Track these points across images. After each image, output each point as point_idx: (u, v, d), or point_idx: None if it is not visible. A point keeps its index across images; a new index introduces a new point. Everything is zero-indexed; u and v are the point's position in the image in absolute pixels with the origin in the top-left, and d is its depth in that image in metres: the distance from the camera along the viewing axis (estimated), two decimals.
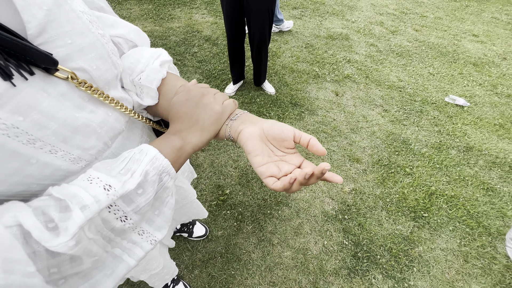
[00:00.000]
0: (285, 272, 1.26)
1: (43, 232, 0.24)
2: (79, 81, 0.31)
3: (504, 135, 2.01)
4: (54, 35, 0.28)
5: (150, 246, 0.33)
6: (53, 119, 0.29)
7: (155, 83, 0.41)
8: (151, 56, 0.43)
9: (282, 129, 0.35)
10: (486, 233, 1.45)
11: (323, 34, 3.05)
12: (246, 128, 0.37)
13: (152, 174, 0.31)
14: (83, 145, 0.33)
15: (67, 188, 0.27)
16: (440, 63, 2.75)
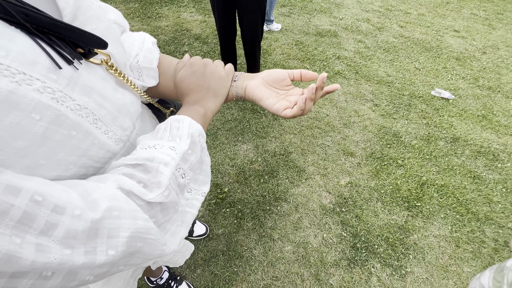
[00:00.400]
0: (287, 266, 1.28)
1: (141, 189, 0.28)
2: (109, 65, 0.32)
3: (487, 126, 2.12)
4: (84, 20, 0.29)
5: (202, 198, 0.40)
6: (107, 99, 0.31)
7: (154, 62, 0.43)
8: (140, 39, 0.44)
9: (277, 72, 0.41)
10: (475, 218, 1.52)
11: (312, 31, 3.08)
12: (249, 82, 0.42)
13: (196, 135, 0.35)
14: (123, 125, 0.35)
15: (140, 154, 0.30)
16: (425, 58, 2.85)
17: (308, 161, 1.73)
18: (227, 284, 1.20)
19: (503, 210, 1.57)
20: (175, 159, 0.31)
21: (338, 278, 1.25)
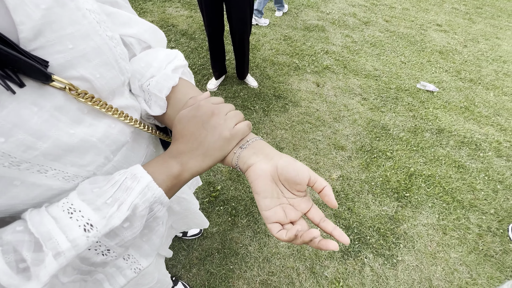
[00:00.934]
0: (283, 261, 1.28)
1: (12, 277, 0.22)
2: (78, 92, 0.27)
3: (469, 117, 2.20)
4: (53, 38, 0.24)
5: (133, 275, 0.32)
6: (42, 138, 0.25)
7: (164, 91, 0.37)
8: (165, 60, 0.39)
9: (297, 172, 0.31)
10: (460, 206, 1.58)
11: (300, 26, 3.08)
12: (258, 164, 0.33)
13: (141, 208, 0.28)
14: (78, 162, 0.30)
15: (43, 223, 0.24)
16: (410, 52, 2.91)
17: (300, 156, 1.74)
18: (224, 282, 1.20)
19: (486, 197, 1.64)
20: (78, 248, 0.24)
21: (332, 270, 1.27)
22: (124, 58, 0.33)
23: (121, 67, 0.32)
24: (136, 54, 0.40)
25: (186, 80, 0.42)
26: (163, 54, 0.40)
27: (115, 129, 0.33)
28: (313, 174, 0.32)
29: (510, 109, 2.31)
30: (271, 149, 0.35)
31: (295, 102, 2.12)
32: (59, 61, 0.25)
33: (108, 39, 0.30)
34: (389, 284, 1.25)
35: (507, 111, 2.29)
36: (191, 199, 0.69)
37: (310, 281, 1.23)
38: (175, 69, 0.39)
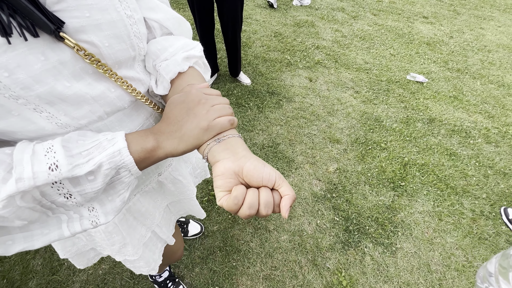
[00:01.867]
0: (285, 255, 1.29)
1: None
2: (86, 53, 0.31)
3: (458, 106, 2.25)
4: (73, 5, 0.29)
5: (89, 226, 0.34)
6: (39, 83, 0.29)
7: (170, 75, 0.41)
8: (182, 48, 0.42)
9: (262, 177, 0.31)
10: (454, 193, 1.63)
11: (290, 22, 3.09)
12: (224, 161, 0.33)
13: (106, 167, 0.30)
14: (71, 113, 0.33)
15: (23, 152, 0.28)
16: (398, 44, 2.96)
17: (296, 151, 1.75)
18: (227, 279, 1.20)
19: (478, 182, 1.69)
20: (37, 180, 0.27)
21: (334, 261, 1.29)
22: (139, 37, 0.37)
23: (133, 43, 0.36)
24: (156, 37, 0.43)
25: (197, 71, 0.44)
26: (181, 42, 0.43)
27: (113, 93, 0.37)
28: (279, 180, 0.31)
29: (496, 97, 2.38)
30: (243, 149, 0.34)
31: (289, 98, 2.12)
32: (74, 24, 0.29)
33: (125, 16, 0.34)
34: (390, 271, 1.28)
35: (493, 99, 2.36)
36: (187, 184, 0.68)
37: (312, 273, 1.24)
38: (188, 58, 0.42)
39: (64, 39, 0.29)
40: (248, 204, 0.29)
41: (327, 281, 1.22)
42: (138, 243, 0.61)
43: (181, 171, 0.65)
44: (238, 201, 0.29)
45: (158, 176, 0.58)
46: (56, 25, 0.28)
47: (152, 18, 0.41)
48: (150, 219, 0.61)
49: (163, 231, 0.68)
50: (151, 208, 0.60)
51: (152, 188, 0.58)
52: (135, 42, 0.36)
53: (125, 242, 0.57)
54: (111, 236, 0.54)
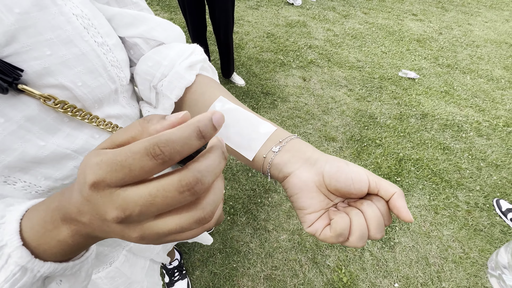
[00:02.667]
0: (285, 254, 1.30)
1: None
2: (56, 102, 0.25)
3: (449, 100, 2.29)
4: (29, 44, 0.23)
5: None
6: (6, 152, 0.24)
7: (175, 92, 0.34)
8: (179, 55, 0.35)
9: (352, 179, 0.25)
10: (448, 186, 1.66)
11: (282, 22, 3.11)
12: (298, 173, 0.27)
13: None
14: (53, 175, 0.28)
15: None
16: (389, 41, 3.00)
17: None
18: (228, 281, 1.20)
19: (471, 175, 1.73)
20: None
21: (334, 259, 1.30)
22: (117, 65, 0.31)
23: (111, 74, 0.30)
24: (145, 54, 0.37)
25: (207, 77, 0.37)
26: (176, 50, 0.36)
27: (98, 140, 0.31)
28: (373, 179, 0.25)
29: (485, 91, 2.43)
30: (312, 150, 0.28)
31: (284, 98, 2.13)
32: (35, 68, 0.24)
33: (96, 45, 0.28)
34: (389, 266, 1.29)
35: (483, 93, 2.41)
36: None
37: (313, 272, 1.25)
38: (191, 66, 0.35)
39: (19, 90, 0.23)
40: (358, 236, 0.24)
41: (328, 278, 1.23)
42: (141, 277, 0.58)
43: None
44: (344, 236, 0.24)
45: None
46: (12, 77, 0.22)
47: (133, 35, 0.34)
48: (150, 251, 0.58)
49: (160, 256, 0.66)
50: None
51: None
52: (114, 73, 0.30)
53: (130, 282, 0.54)
54: (114, 280, 0.50)
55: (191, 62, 0.35)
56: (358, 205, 0.25)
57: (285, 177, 0.28)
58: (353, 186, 0.25)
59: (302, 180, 0.26)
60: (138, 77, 0.36)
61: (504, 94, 2.41)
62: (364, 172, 0.25)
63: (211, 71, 0.40)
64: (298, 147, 0.28)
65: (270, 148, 0.29)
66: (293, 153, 0.28)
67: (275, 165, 0.28)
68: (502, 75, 2.64)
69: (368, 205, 0.25)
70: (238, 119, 0.32)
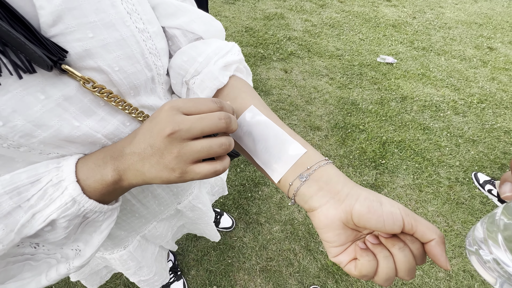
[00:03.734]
0: (278, 245, 1.31)
1: None
2: (94, 86, 0.26)
3: (427, 82, 2.37)
4: (73, 25, 0.24)
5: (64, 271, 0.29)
6: (42, 127, 0.24)
7: (206, 92, 0.33)
8: (215, 53, 0.34)
9: (384, 221, 0.23)
10: (430, 164, 1.72)
11: (260, 16, 3.08)
12: (324, 209, 0.25)
13: (62, 221, 0.25)
14: (84, 152, 0.29)
15: None
16: (366, 28, 3.05)
17: None
18: (224, 277, 1.20)
19: (450, 151, 1.80)
20: None
21: None
22: (155, 54, 0.31)
23: (148, 62, 0.30)
24: (182, 47, 0.35)
25: (241, 79, 0.36)
26: (213, 47, 0.34)
27: (129, 127, 0.31)
28: (409, 221, 0.23)
29: (459, 70, 2.53)
30: (343, 183, 0.26)
31: (267, 91, 2.13)
32: (77, 49, 0.24)
33: (137, 31, 0.28)
34: None
35: (457, 73, 2.50)
36: (207, 210, 0.65)
37: (307, 259, 1.27)
38: (226, 66, 0.33)
39: (67, 72, 0.24)
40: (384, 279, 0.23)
41: (322, 264, 1.26)
42: (151, 262, 0.60)
43: (201, 198, 0.61)
44: (369, 277, 0.24)
45: (177, 205, 0.56)
46: (57, 57, 0.23)
47: (172, 26, 0.34)
48: (161, 238, 0.60)
49: (169, 244, 0.67)
50: (165, 231, 0.59)
51: (169, 215, 0.57)
52: (151, 61, 0.30)
53: (140, 266, 0.56)
54: (126, 262, 0.53)
55: (226, 62, 0.33)
56: (390, 245, 0.23)
57: (311, 210, 0.26)
58: (385, 228, 0.23)
59: (329, 218, 0.25)
60: (172, 70, 0.36)
61: (477, 73, 2.51)
62: (399, 212, 0.23)
63: (245, 72, 0.38)
64: (327, 178, 0.26)
65: (298, 175, 0.27)
66: (321, 185, 0.26)
67: (301, 195, 0.27)
68: (474, 54, 2.76)
69: (400, 249, 0.23)
70: (268, 134, 0.30)
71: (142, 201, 0.45)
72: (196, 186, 0.59)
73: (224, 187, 0.81)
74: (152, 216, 0.50)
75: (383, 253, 0.23)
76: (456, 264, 1.29)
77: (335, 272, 1.23)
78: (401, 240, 0.24)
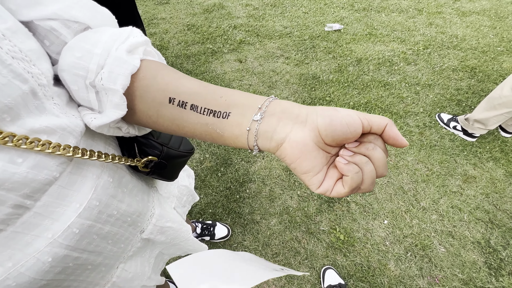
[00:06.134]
0: (280, 238, 1.28)
1: None
2: None
3: (375, 40, 2.44)
4: None
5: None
6: None
7: (120, 81, 0.26)
8: (114, 39, 0.27)
9: (347, 124, 0.23)
10: (398, 117, 1.79)
11: (198, 10, 2.93)
12: (292, 135, 0.24)
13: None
14: None
15: None
16: (306, 1, 3.04)
17: None
18: None
19: (413, 100, 1.89)
20: None
21: (326, 222, 1.32)
22: (22, 58, 0.23)
23: (16, 70, 0.22)
24: (67, 42, 0.28)
25: (153, 61, 0.30)
26: (108, 33, 0.28)
27: (22, 165, 0.23)
28: (364, 117, 0.24)
29: (400, 23, 2.64)
30: (298, 107, 0.26)
31: (227, 85, 2.04)
32: None
33: None
34: (374, 207, 1.36)
35: (399, 25, 2.61)
36: (179, 226, 0.56)
37: (312, 242, 1.25)
38: (132, 50, 0.28)
39: None
40: (370, 183, 0.24)
41: (327, 242, 1.25)
42: None
43: (168, 216, 0.52)
44: (358, 187, 0.25)
45: (140, 235, 0.46)
46: None
47: (44, 16, 0.26)
48: (139, 279, 0.50)
49: (152, 279, 0.57)
50: (139, 268, 0.49)
51: (137, 248, 0.47)
52: (21, 68, 0.22)
53: None
54: None
55: (131, 45, 0.28)
56: (363, 150, 0.24)
57: (278, 145, 0.25)
58: (349, 130, 0.23)
59: (300, 142, 0.24)
60: (65, 74, 0.27)
61: (415, 22, 2.65)
62: (354, 113, 0.24)
63: (157, 56, 0.33)
64: (282, 108, 0.25)
65: (251, 118, 0.25)
66: (279, 116, 0.25)
67: (263, 134, 0.25)
68: (409, 5, 2.90)
69: (373, 149, 0.24)
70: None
71: (88, 249, 0.34)
72: (155, 205, 0.49)
73: (193, 194, 0.74)
74: (113, 260, 0.41)
75: (363, 160, 0.24)
76: (444, 203, 1.37)
77: (341, 246, 1.23)
78: (367, 142, 0.25)
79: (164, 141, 0.41)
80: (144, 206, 0.44)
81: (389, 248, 1.23)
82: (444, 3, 2.90)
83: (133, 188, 0.40)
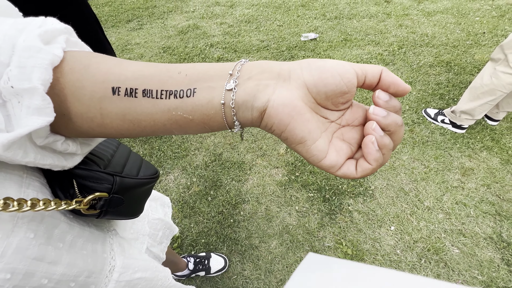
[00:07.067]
0: (283, 261, 1.16)
1: None
2: None
3: (351, 45, 2.48)
4: None
5: None
6: None
7: (37, 75, 0.18)
8: (19, 29, 0.19)
9: (339, 74, 0.20)
10: None
11: (173, 33, 2.90)
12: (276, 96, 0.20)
13: None
14: None
15: None
16: (280, 15, 3.10)
17: (241, 151, 1.62)
18: None
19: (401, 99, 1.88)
20: None
21: (330, 237, 1.22)
22: None
23: None
24: None
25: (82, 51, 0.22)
26: (9, 22, 0.20)
27: None
28: (357, 66, 0.21)
29: (372, 27, 2.72)
30: (277, 64, 0.21)
31: None
32: None
33: None
34: (378, 214, 1.28)
35: (371, 29, 2.69)
36: (154, 272, 0.46)
37: None
38: (48, 37, 0.20)
39: None
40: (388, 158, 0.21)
41: None
42: None
43: (135, 264, 0.42)
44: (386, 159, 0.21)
45: None
46: None
47: None
48: None
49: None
50: None
51: None
52: None
53: None
54: None
55: (46, 32, 0.20)
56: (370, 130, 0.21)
57: (262, 113, 0.20)
58: (343, 82, 0.20)
59: (286, 104, 0.20)
60: None
61: (386, 25, 2.74)
62: (345, 62, 0.21)
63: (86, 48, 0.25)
64: (258, 69, 0.21)
65: (223, 88, 0.20)
66: (257, 78, 0.21)
67: (242, 104, 0.20)
68: (377, 10, 3.01)
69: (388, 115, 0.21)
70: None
71: None
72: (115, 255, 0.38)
73: (170, 227, 0.63)
74: None
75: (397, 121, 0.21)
76: (447, 200, 1.31)
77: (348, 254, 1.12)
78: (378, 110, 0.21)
79: (116, 169, 0.32)
80: (96, 260, 0.33)
81: (401, 257, 1.14)
82: (409, 6, 3.04)
83: (75, 240, 0.29)
